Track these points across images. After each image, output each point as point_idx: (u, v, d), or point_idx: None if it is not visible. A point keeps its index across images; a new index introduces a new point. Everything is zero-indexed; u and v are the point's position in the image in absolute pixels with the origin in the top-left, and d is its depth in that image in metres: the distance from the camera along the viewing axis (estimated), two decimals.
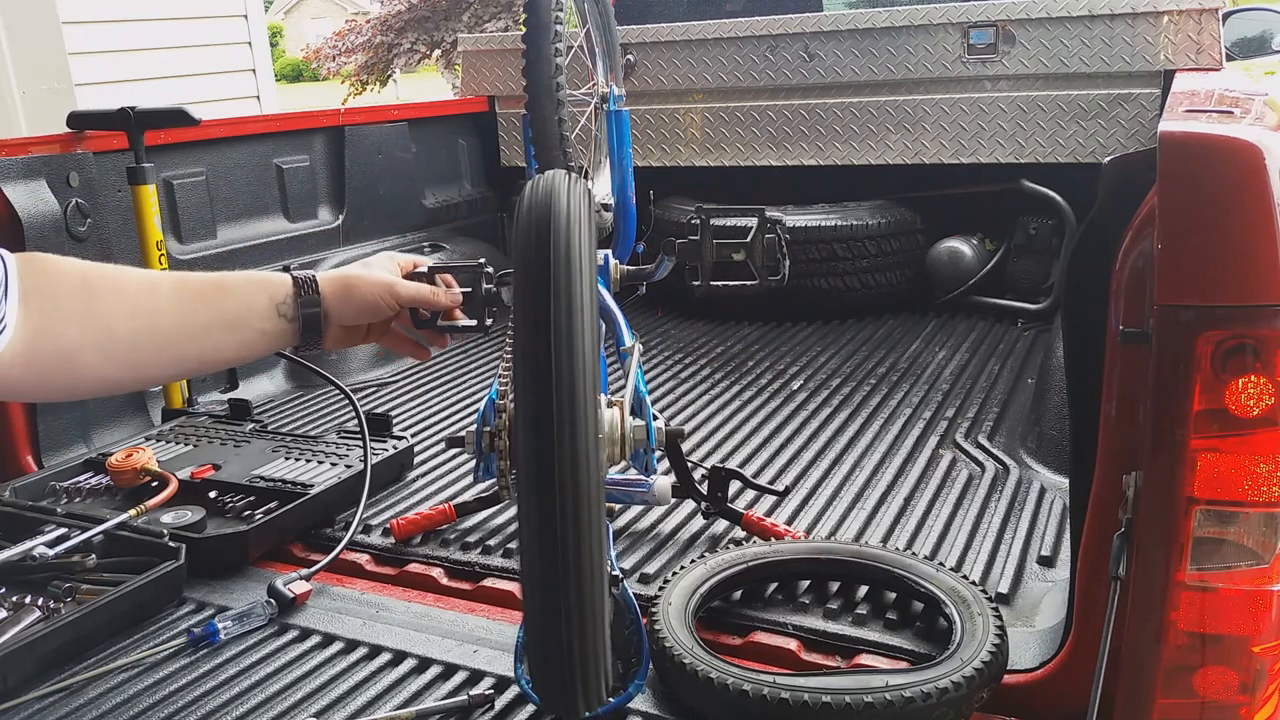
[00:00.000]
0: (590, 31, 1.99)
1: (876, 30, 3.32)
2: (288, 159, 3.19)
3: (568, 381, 0.79)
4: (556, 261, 0.82)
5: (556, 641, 0.76)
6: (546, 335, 0.79)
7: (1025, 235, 3.44)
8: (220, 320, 1.14)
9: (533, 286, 0.82)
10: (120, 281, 1.08)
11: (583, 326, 0.81)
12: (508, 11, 15.00)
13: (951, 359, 2.98)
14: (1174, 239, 1.12)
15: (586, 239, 0.85)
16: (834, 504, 2.04)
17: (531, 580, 0.81)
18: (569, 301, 0.80)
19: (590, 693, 0.80)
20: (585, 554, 0.81)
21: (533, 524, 0.85)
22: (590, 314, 0.82)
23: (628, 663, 1.47)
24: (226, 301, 1.16)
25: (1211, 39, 2.94)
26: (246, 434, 2.37)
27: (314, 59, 17.63)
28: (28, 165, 2.35)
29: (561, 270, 0.82)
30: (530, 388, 0.81)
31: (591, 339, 0.82)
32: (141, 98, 2.71)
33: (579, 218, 0.85)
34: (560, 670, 0.78)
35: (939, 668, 1.36)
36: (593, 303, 0.84)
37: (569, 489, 0.81)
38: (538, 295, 0.81)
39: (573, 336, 0.79)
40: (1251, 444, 1.12)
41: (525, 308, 0.82)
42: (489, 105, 3.95)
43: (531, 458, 0.81)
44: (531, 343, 0.80)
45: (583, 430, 0.80)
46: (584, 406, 0.80)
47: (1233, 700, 1.21)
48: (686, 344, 3.26)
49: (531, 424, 0.80)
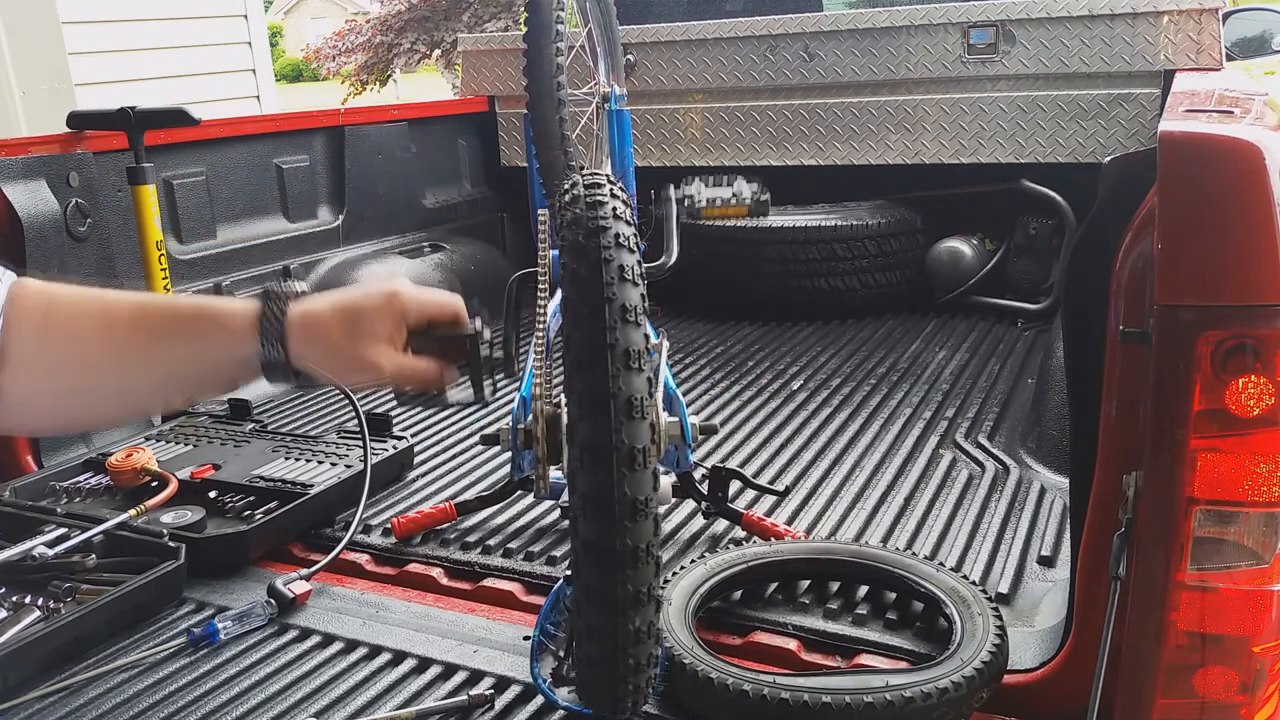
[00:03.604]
0: (592, 31, 1.99)
1: (876, 30, 3.32)
2: (288, 159, 3.19)
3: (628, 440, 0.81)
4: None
5: (613, 656, 0.80)
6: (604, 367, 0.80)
7: (1025, 235, 3.44)
8: (174, 375, 1.05)
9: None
10: (78, 327, 1.02)
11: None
12: (508, 11, 14.99)
13: (951, 359, 2.97)
14: (1174, 239, 1.12)
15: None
16: (834, 504, 2.04)
17: (591, 599, 0.84)
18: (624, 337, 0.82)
19: (640, 699, 0.84)
20: (643, 577, 0.84)
21: (593, 549, 0.89)
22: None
23: None
24: (179, 348, 1.04)
25: (1211, 39, 2.94)
26: (246, 434, 2.37)
27: (314, 59, 17.63)
28: (28, 165, 2.35)
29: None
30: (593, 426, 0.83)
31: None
32: (141, 98, 2.71)
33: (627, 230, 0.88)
34: (615, 681, 0.81)
35: (939, 668, 1.36)
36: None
37: (628, 516, 0.83)
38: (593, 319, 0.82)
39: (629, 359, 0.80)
40: (1251, 444, 1.12)
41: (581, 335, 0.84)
42: (489, 105, 3.95)
43: (594, 487, 0.84)
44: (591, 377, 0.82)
45: (643, 465, 0.83)
46: (644, 443, 0.82)
47: (1233, 700, 1.21)
48: (686, 344, 3.26)
49: (590, 456, 0.82)
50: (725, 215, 1.94)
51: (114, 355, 1.02)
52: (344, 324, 0.99)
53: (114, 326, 1.02)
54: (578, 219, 0.86)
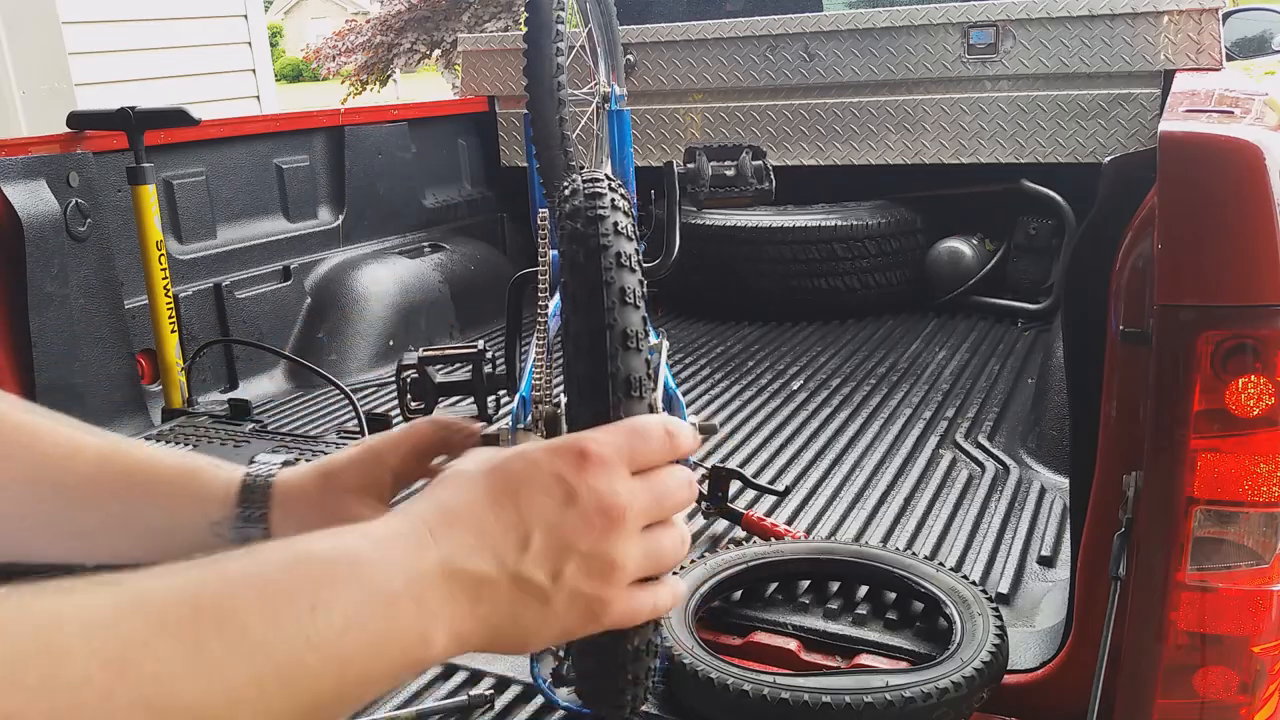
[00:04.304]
0: (592, 31, 1.99)
1: (876, 30, 3.32)
2: (288, 159, 3.19)
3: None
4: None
5: (615, 656, 0.79)
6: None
7: (1025, 235, 3.44)
8: (130, 531, 0.89)
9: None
10: (33, 461, 0.87)
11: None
12: (508, 11, 15.01)
13: (951, 359, 2.98)
14: (1174, 239, 1.12)
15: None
16: (834, 504, 2.05)
17: None
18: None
19: (639, 699, 0.82)
20: None
21: None
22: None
23: None
24: (144, 509, 0.89)
25: (1211, 39, 2.94)
26: (246, 434, 2.37)
27: (314, 59, 17.65)
28: (28, 165, 2.35)
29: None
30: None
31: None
32: (141, 98, 2.71)
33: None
34: (615, 680, 0.80)
35: (939, 668, 1.36)
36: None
37: None
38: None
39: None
40: (1251, 444, 1.12)
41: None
42: (489, 105, 3.95)
43: None
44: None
45: None
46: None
47: (1233, 700, 1.21)
48: (686, 344, 3.26)
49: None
50: (726, 205, 1.96)
51: (64, 494, 0.87)
52: (319, 485, 0.90)
53: (76, 461, 0.88)
54: (577, 209, 0.86)
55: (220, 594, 0.54)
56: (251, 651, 0.52)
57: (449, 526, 0.62)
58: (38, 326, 2.32)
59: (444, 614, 0.60)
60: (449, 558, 0.60)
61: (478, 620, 0.61)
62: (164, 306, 2.59)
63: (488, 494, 0.64)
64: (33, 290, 2.31)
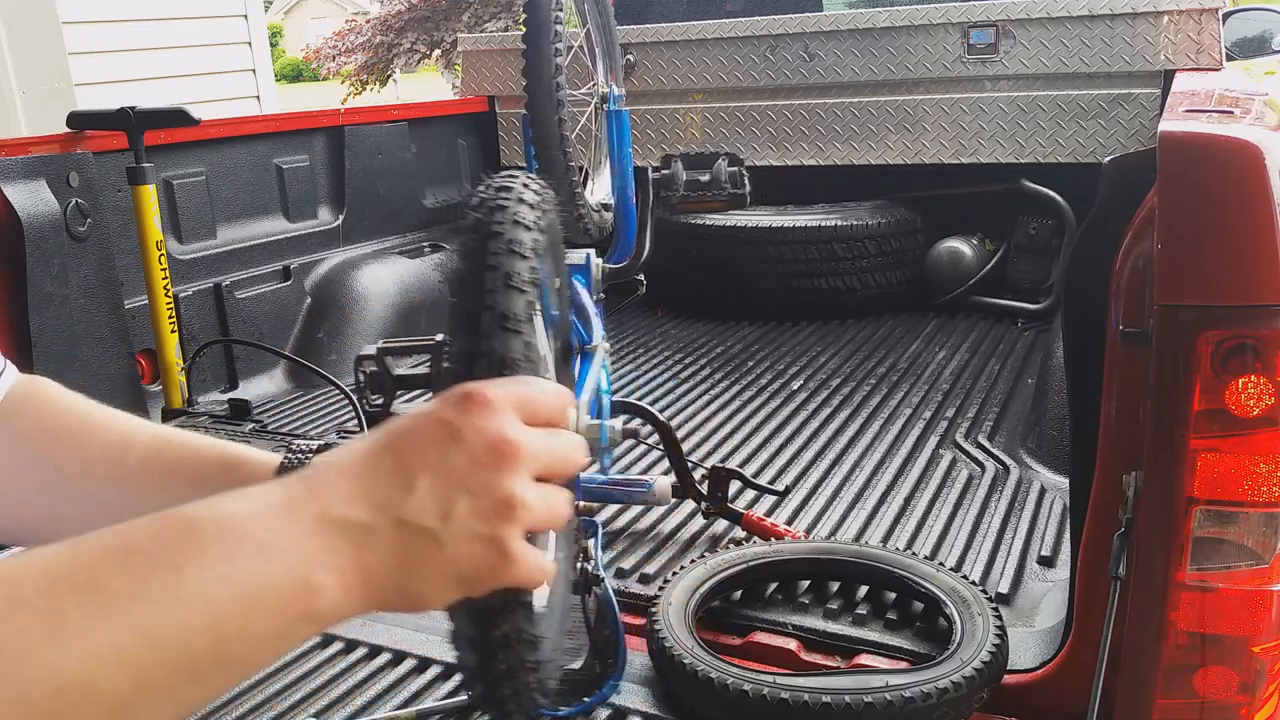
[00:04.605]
0: (590, 31, 1.99)
1: (876, 30, 3.32)
2: (288, 159, 3.19)
3: None
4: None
5: (484, 644, 0.75)
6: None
7: (1025, 235, 3.44)
8: None
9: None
10: (86, 445, 0.89)
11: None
12: (508, 11, 15.01)
13: (951, 359, 2.98)
14: (1174, 239, 1.12)
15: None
16: (834, 504, 2.04)
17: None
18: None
19: (524, 697, 0.79)
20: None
21: None
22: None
23: (605, 663, 1.46)
24: (190, 501, 0.94)
25: (1211, 39, 2.94)
26: (246, 434, 2.37)
27: (314, 59, 17.65)
28: (28, 165, 2.35)
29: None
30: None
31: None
32: (141, 98, 2.71)
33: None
34: (489, 672, 0.77)
35: (939, 668, 1.36)
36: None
37: None
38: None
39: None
40: (1251, 444, 1.12)
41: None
42: (489, 105, 3.95)
43: None
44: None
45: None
46: None
47: (1233, 700, 1.21)
48: (686, 344, 3.26)
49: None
50: (700, 209, 1.97)
51: (116, 486, 0.87)
52: None
53: (128, 453, 0.89)
54: (483, 199, 0.87)
55: (80, 565, 0.53)
56: (113, 615, 0.51)
57: (326, 483, 0.61)
58: (38, 326, 2.32)
59: (326, 561, 0.58)
60: (326, 509, 0.59)
61: (365, 568, 0.59)
62: (164, 306, 2.59)
63: (368, 449, 0.63)
64: (33, 290, 2.31)
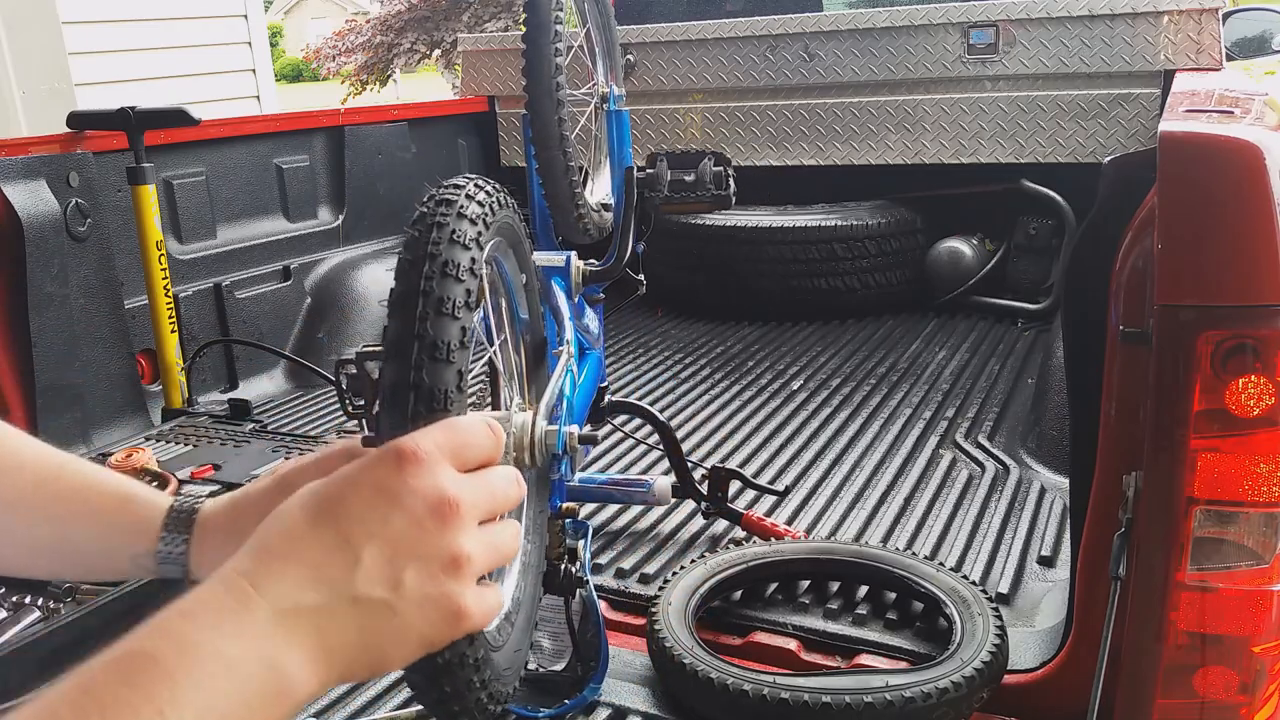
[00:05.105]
0: (590, 31, 1.99)
1: (876, 30, 3.32)
2: (288, 159, 3.19)
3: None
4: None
5: (426, 670, 0.75)
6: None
7: (1025, 235, 3.44)
8: (64, 554, 0.88)
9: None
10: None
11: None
12: (508, 11, 15.00)
13: (951, 359, 2.98)
14: (1174, 239, 1.12)
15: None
16: (834, 504, 2.04)
17: None
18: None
19: (471, 715, 0.79)
20: None
21: None
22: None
23: (587, 665, 1.46)
24: (75, 535, 0.88)
25: (1211, 39, 2.94)
26: (246, 434, 2.37)
27: (314, 59, 17.64)
28: (28, 165, 2.35)
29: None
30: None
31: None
32: (141, 98, 2.71)
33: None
34: (434, 694, 0.77)
35: (939, 668, 1.36)
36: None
37: None
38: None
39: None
40: (1251, 444, 1.12)
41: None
42: (489, 105, 3.95)
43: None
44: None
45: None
46: None
47: (1233, 700, 1.21)
48: (686, 344, 3.26)
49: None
50: (683, 210, 1.97)
51: (3, 507, 0.85)
52: (230, 516, 0.89)
53: (19, 475, 0.87)
54: (421, 215, 0.85)
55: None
56: None
57: (269, 570, 0.59)
58: (38, 326, 2.32)
59: (293, 656, 0.58)
60: (276, 601, 0.58)
61: (329, 649, 0.59)
62: (164, 306, 2.59)
63: (306, 522, 0.61)
64: (33, 290, 2.31)
